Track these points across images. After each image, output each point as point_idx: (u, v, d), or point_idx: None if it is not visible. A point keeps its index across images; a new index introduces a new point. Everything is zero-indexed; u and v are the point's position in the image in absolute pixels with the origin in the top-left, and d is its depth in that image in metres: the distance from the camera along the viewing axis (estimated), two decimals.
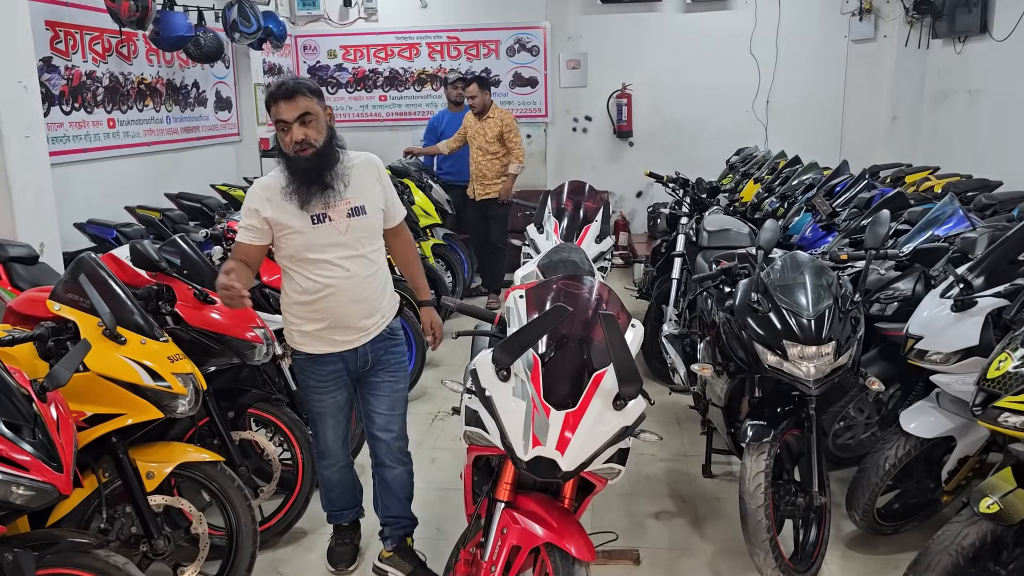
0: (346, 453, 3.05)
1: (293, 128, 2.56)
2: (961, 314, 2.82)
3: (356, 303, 2.75)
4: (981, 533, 2.42)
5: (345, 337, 2.78)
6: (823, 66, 8.30)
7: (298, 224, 2.64)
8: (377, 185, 2.79)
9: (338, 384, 2.88)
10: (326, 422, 2.93)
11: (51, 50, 5.02)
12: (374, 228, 2.78)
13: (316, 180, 2.59)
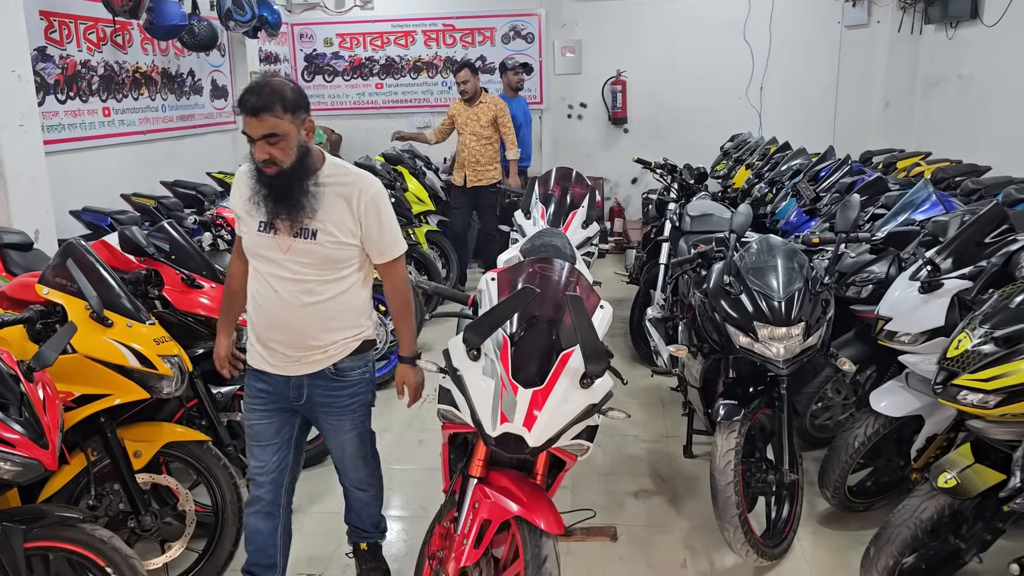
0: (273, 494, 2.67)
1: (258, 145, 2.31)
2: (928, 296, 2.89)
3: (279, 328, 2.49)
4: (939, 507, 2.50)
5: (272, 360, 2.54)
6: (816, 52, 8.32)
7: (248, 224, 2.47)
8: (348, 216, 2.43)
9: (265, 406, 2.60)
10: (250, 445, 2.65)
11: (46, 39, 5.09)
12: (326, 259, 2.43)
13: (284, 196, 2.36)
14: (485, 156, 6.49)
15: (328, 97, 9.06)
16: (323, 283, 2.46)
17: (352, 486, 2.82)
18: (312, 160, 2.40)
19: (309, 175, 2.38)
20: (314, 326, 2.48)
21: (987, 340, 2.40)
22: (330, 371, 2.56)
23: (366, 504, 2.87)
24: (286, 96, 2.31)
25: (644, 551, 3.15)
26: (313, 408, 2.62)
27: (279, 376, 2.56)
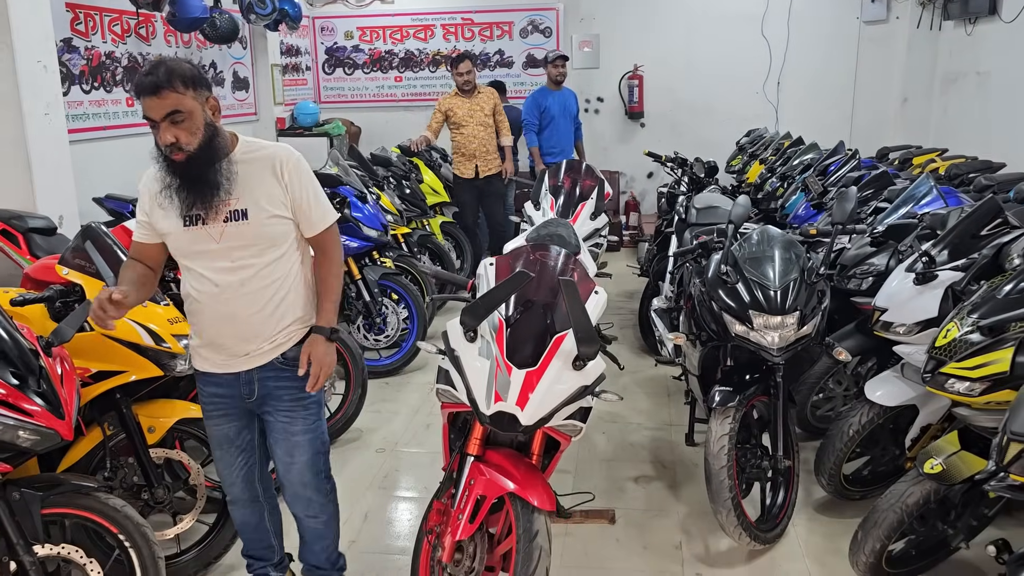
0: (249, 491, 2.61)
1: (161, 128, 2.15)
2: (923, 287, 2.93)
3: (225, 322, 2.36)
4: (925, 492, 2.55)
5: (219, 358, 2.42)
6: (834, 47, 8.30)
7: (171, 225, 2.30)
8: (276, 185, 2.32)
9: (222, 410, 2.49)
10: (215, 452, 2.57)
11: (72, 31, 5.23)
12: (262, 237, 2.31)
13: (197, 182, 2.23)
14: (492, 145, 6.49)
15: (348, 90, 9.18)
16: (264, 266, 2.33)
17: (303, 512, 2.61)
18: (221, 141, 2.27)
19: (220, 157, 2.25)
20: (260, 313, 2.36)
21: (973, 329, 2.45)
22: (279, 361, 2.42)
23: (319, 536, 2.66)
24: (184, 72, 2.17)
25: (641, 534, 3.23)
26: (264, 403, 2.47)
27: (228, 375, 2.43)
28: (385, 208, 5.24)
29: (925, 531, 2.75)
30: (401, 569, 2.99)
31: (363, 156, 5.88)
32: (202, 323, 2.40)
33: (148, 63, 2.25)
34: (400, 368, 4.96)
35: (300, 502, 2.58)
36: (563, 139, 7.09)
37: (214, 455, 2.59)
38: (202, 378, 2.49)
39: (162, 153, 2.21)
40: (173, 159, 2.19)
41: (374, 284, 4.80)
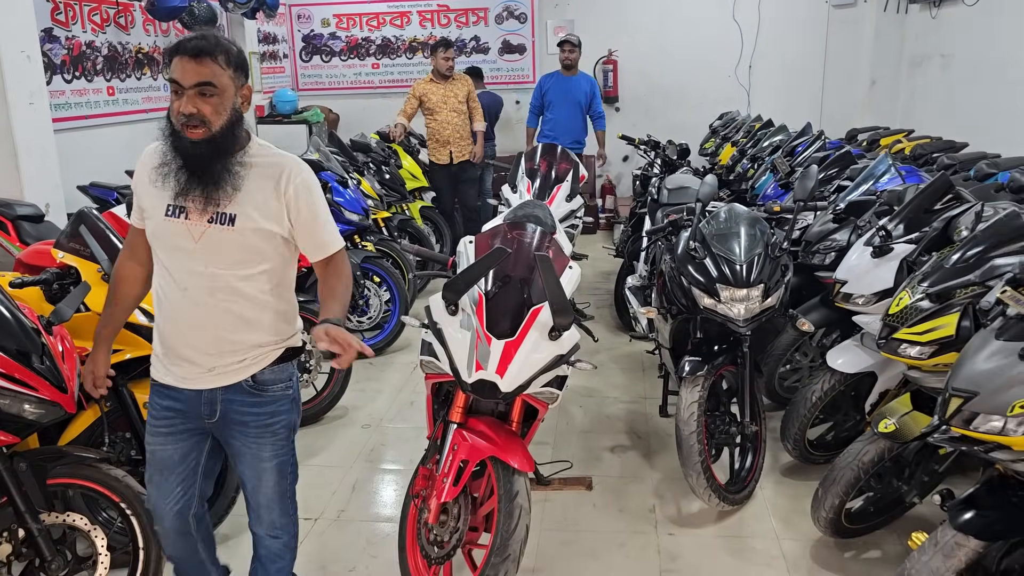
0: (180, 525, 2.32)
1: (187, 96, 1.96)
2: (880, 259, 3.11)
3: (190, 332, 2.14)
4: (880, 450, 2.73)
5: (182, 371, 2.18)
6: (804, 31, 8.48)
7: (154, 208, 2.10)
8: (274, 200, 2.09)
9: (171, 428, 2.23)
10: (150, 475, 2.28)
11: (52, 21, 5.28)
12: (243, 249, 2.10)
13: (202, 170, 2.02)
14: (466, 130, 6.60)
15: (325, 77, 9.24)
16: (241, 279, 2.11)
17: (264, 532, 2.41)
18: (241, 133, 2.07)
19: (236, 149, 2.06)
20: (229, 329, 2.14)
21: (923, 297, 2.62)
22: (247, 383, 2.20)
23: (276, 555, 2.46)
24: (231, 50, 2.03)
25: (617, 499, 3.39)
26: (227, 428, 2.25)
27: (188, 391, 2.19)
28: (366, 193, 5.35)
29: (881, 488, 2.94)
30: (388, 535, 3.13)
31: (343, 142, 5.98)
32: (165, 329, 2.19)
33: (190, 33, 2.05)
34: (383, 349, 5.09)
35: (263, 523, 2.39)
36: (561, 125, 7.05)
37: (148, 479, 2.29)
38: (158, 389, 2.23)
39: (172, 128, 2.02)
40: (187, 135, 1.98)
41: (357, 267, 4.92)
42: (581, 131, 7.14)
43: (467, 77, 6.77)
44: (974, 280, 2.47)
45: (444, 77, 6.50)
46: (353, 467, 3.70)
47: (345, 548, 3.09)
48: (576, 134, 7.06)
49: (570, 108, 7.07)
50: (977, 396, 2.06)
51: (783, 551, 3.00)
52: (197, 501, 2.35)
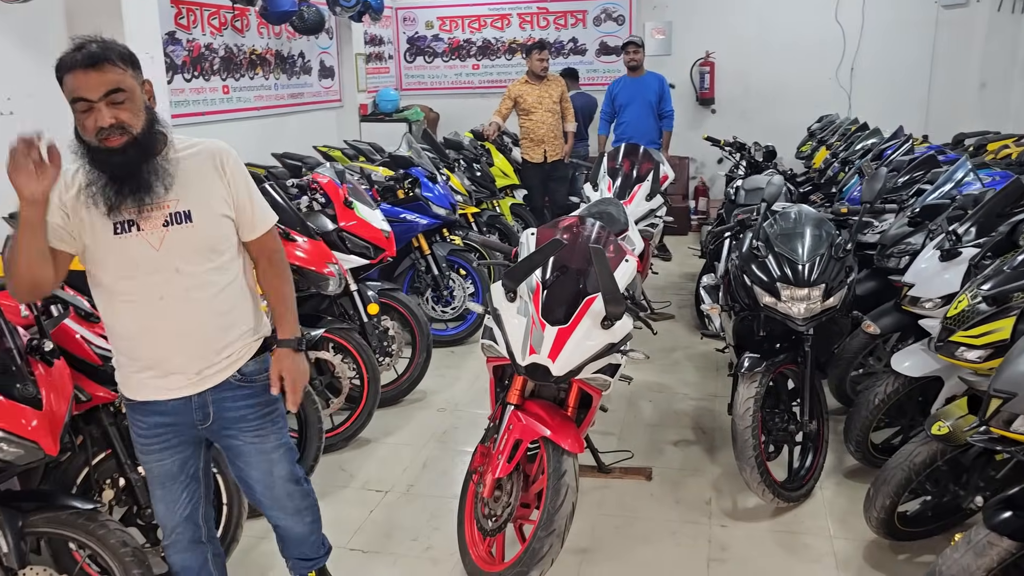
0: (192, 531, 2.33)
1: (98, 109, 1.86)
2: (947, 263, 3.09)
3: (172, 340, 2.09)
4: (932, 452, 2.73)
5: (169, 384, 2.13)
6: (911, 33, 8.21)
7: (97, 234, 2.01)
8: (218, 182, 2.10)
9: (165, 443, 2.20)
10: (153, 491, 2.28)
11: (175, 25, 5.75)
12: (206, 241, 2.09)
13: (130, 177, 1.95)
14: (559, 130, 6.72)
15: (428, 77, 9.58)
16: (210, 271, 2.11)
17: (289, 521, 2.44)
18: (160, 129, 2.02)
19: (160, 146, 2.01)
20: (212, 325, 2.14)
21: (981, 300, 2.61)
22: (235, 378, 2.20)
23: (308, 534, 2.51)
24: (122, 49, 1.94)
25: (674, 490, 3.47)
26: (226, 428, 2.24)
27: (177, 401, 2.15)
28: (454, 189, 5.58)
29: (938, 493, 2.92)
30: (452, 510, 3.26)
31: (435, 139, 6.24)
32: (141, 345, 2.10)
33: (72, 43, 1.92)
34: (465, 339, 5.30)
35: (287, 513, 2.42)
36: (632, 127, 7.02)
37: (153, 495, 2.29)
38: (140, 408, 2.17)
39: (87, 147, 1.92)
40: (108, 146, 1.90)
41: (442, 259, 5.15)
42: (655, 131, 7.08)
43: (561, 78, 6.93)
44: None
45: (539, 78, 6.67)
46: (425, 446, 3.92)
47: (411, 519, 3.30)
48: (651, 135, 6.99)
49: (641, 109, 7.04)
50: (1016, 397, 2.07)
51: (835, 549, 3.02)
52: (203, 504, 2.34)
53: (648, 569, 2.94)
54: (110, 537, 2.28)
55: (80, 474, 2.65)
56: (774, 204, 3.50)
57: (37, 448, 2.11)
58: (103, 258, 2.03)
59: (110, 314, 2.12)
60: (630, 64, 7.12)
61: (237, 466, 2.33)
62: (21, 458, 2.10)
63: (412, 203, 5.02)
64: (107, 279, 2.06)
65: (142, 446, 2.22)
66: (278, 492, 2.36)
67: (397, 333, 4.37)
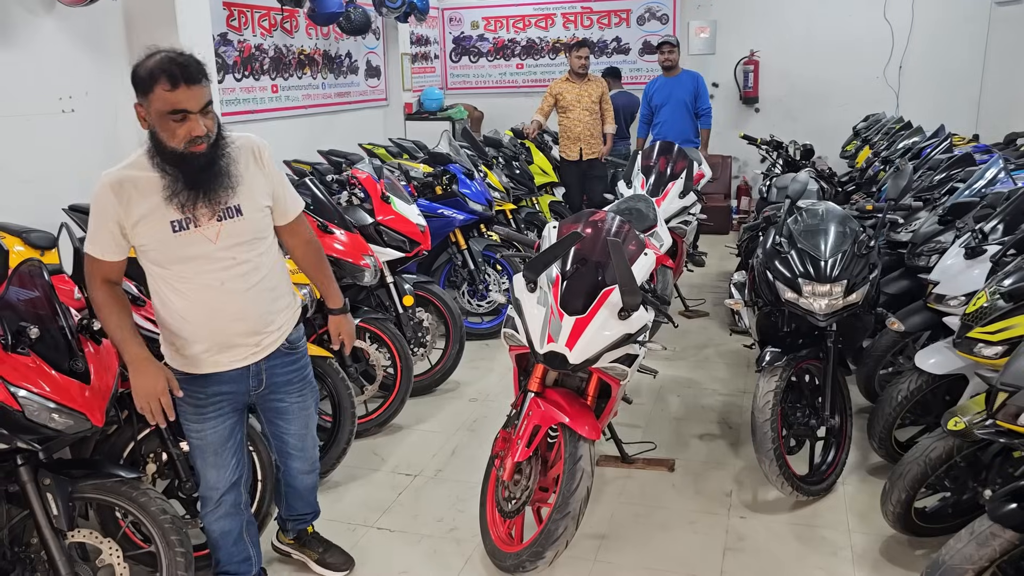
0: (236, 496, 2.55)
1: (195, 120, 2.08)
2: (972, 261, 3.09)
3: (233, 320, 2.33)
4: (948, 448, 2.74)
5: (230, 356, 2.37)
6: (963, 30, 8.06)
7: (156, 234, 2.19)
8: (259, 175, 2.32)
9: (220, 411, 2.42)
10: (205, 458, 2.46)
11: (227, 26, 5.97)
12: (255, 231, 2.32)
13: (205, 180, 2.17)
14: (597, 130, 6.76)
15: (473, 77, 9.72)
16: (259, 256, 2.34)
17: (304, 471, 2.76)
18: (223, 134, 2.23)
19: (224, 148, 2.22)
20: (266, 304, 2.39)
21: (999, 296, 2.62)
22: (285, 347, 2.49)
23: (312, 486, 2.85)
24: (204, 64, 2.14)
25: (696, 481, 3.53)
26: (274, 392, 2.52)
27: (235, 371, 2.40)
28: (492, 185, 5.69)
29: (956, 490, 2.93)
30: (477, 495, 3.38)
31: (474, 137, 6.36)
32: (204, 328, 2.31)
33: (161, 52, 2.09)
34: (499, 332, 5.39)
35: (307, 462, 2.74)
36: (668, 127, 7.00)
37: (204, 462, 2.48)
38: (200, 380, 2.38)
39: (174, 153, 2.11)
40: (194, 151, 2.12)
41: (478, 254, 5.27)
42: (691, 130, 7.03)
43: (602, 79, 6.99)
44: None
45: (579, 76, 6.72)
46: (455, 434, 4.04)
47: (437, 502, 3.42)
48: (686, 133, 6.95)
49: (676, 109, 6.99)
50: (1021, 391, 2.09)
51: (852, 543, 3.05)
52: (247, 472, 2.59)
53: (663, 556, 3.00)
54: (151, 505, 2.44)
55: (127, 448, 2.82)
56: (799, 201, 3.52)
57: (85, 419, 2.26)
58: (164, 255, 2.23)
59: (171, 302, 2.29)
60: (665, 64, 7.10)
61: (277, 424, 2.62)
62: (71, 428, 2.24)
63: (449, 199, 5.15)
64: (168, 273, 2.26)
65: (199, 415, 2.43)
66: (308, 443, 2.70)
67: (431, 324, 4.50)
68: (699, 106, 7.03)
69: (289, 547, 2.98)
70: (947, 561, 2.15)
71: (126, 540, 2.75)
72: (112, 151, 4.83)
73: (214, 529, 2.58)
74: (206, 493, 2.53)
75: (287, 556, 3.00)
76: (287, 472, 2.76)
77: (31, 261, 2.36)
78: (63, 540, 2.32)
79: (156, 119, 2.09)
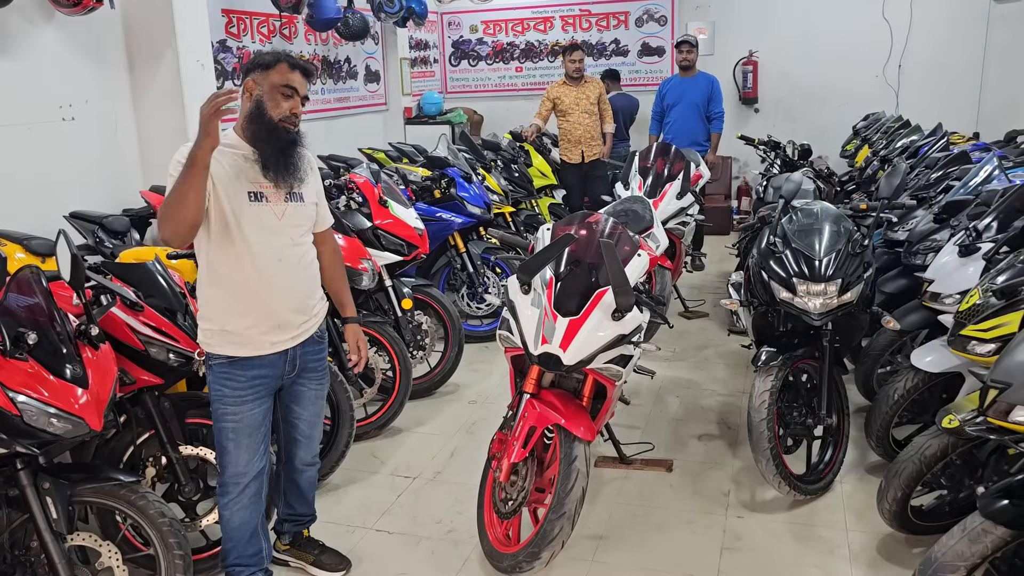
0: (260, 485, 2.64)
1: (296, 100, 2.45)
2: (966, 259, 3.10)
3: (286, 296, 2.53)
4: (943, 445, 2.75)
5: (275, 337, 2.53)
6: (962, 29, 8.06)
7: (235, 198, 2.41)
8: (312, 177, 2.64)
9: (258, 393, 2.55)
10: (240, 440, 2.55)
11: (226, 33, 6.01)
12: (309, 220, 2.62)
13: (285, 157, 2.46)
14: (596, 131, 6.76)
15: (472, 80, 9.75)
16: (308, 243, 2.64)
17: (308, 463, 2.86)
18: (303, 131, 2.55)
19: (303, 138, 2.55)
20: (309, 289, 2.63)
21: (992, 294, 2.63)
22: (316, 334, 2.69)
23: (313, 483, 2.94)
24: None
25: (693, 482, 3.54)
26: (300, 376, 2.68)
27: (274, 355, 2.56)
28: (490, 188, 5.71)
29: (953, 487, 2.94)
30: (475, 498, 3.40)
31: (472, 141, 6.38)
32: (261, 301, 2.49)
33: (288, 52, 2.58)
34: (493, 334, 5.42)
35: (311, 453, 2.85)
36: (677, 127, 7.00)
37: (238, 446, 2.56)
38: (241, 363, 2.51)
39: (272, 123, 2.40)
40: (287, 127, 2.44)
41: (477, 257, 5.29)
42: (701, 132, 7.01)
43: (599, 80, 7.00)
44: None
45: (575, 80, 6.73)
46: (454, 437, 4.06)
47: (436, 504, 3.43)
48: (695, 135, 6.94)
49: (687, 110, 6.97)
50: (1012, 387, 2.10)
51: (849, 541, 3.05)
52: (268, 460, 2.68)
53: (661, 556, 3.01)
54: (149, 508, 2.46)
55: (126, 452, 2.85)
56: (793, 200, 3.53)
57: (83, 423, 2.27)
58: (239, 219, 2.42)
59: (229, 274, 2.46)
60: (682, 64, 7.05)
61: (292, 410, 2.74)
62: (69, 432, 2.25)
63: (448, 202, 5.17)
64: (239, 238, 2.43)
65: (237, 398, 2.53)
66: (316, 432, 2.85)
67: (430, 328, 4.52)
68: (712, 109, 6.98)
69: (286, 554, 3.01)
70: (940, 558, 2.16)
71: (125, 543, 2.77)
72: (112, 159, 4.89)
73: (233, 519, 2.62)
74: (233, 480, 2.59)
75: (284, 564, 3.00)
76: (290, 464, 2.84)
77: (29, 267, 2.38)
78: (63, 543, 2.34)
79: (268, 89, 2.41)
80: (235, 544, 2.66)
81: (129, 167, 5.00)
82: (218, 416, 2.55)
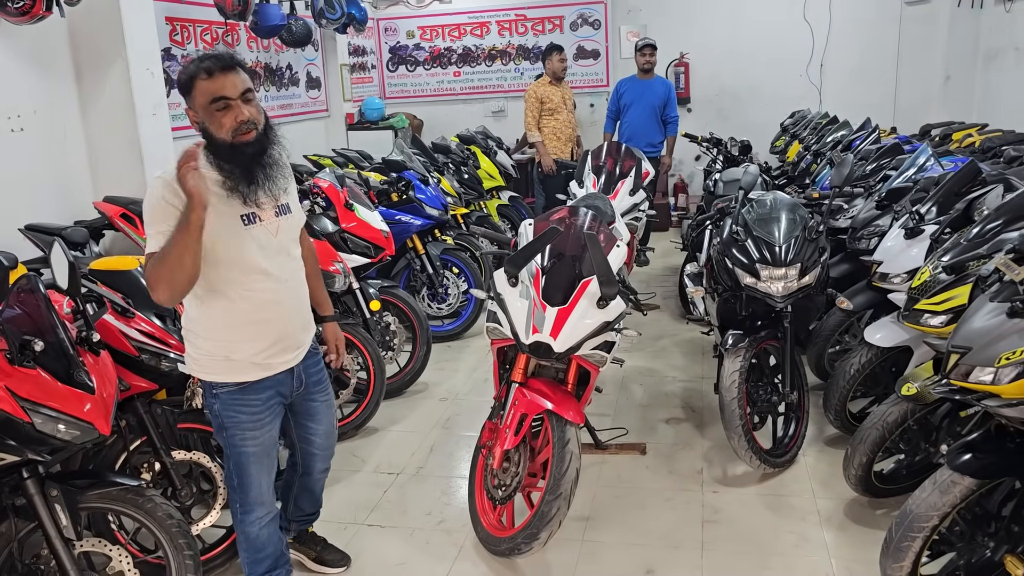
0: (272, 498, 2.61)
1: (237, 106, 2.15)
2: (912, 241, 3.35)
3: (293, 314, 2.46)
4: (903, 412, 2.98)
5: (284, 357, 2.44)
6: (877, 28, 8.54)
7: (228, 229, 2.24)
8: (293, 183, 2.47)
9: (273, 414, 2.48)
10: (261, 464, 2.48)
11: (170, 41, 5.94)
12: (296, 230, 2.48)
13: (261, 170, 2.24)
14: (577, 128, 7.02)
15: (410, 85, 9.80)
16: (299, 255, 2.52)
17: (323, 470, 2.84)
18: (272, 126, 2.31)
19: (276, 143, 2.31)
20: (306, 300, 2.56)
21: (941, 270, 2.87)
22: (312, 347, 2.60)
23: (323, 484, 2.92)
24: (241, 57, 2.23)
25: (667, 463, 3.71)
26: (308, 391, 2.61)
27: (281, 374, 2.46)
28: (445, 191, 5.80)
29: (911, 451, 3.18)
30: (461, 488, 3.54)
31: (425, 144, 6.46)
32: (271, 325, 2.38)
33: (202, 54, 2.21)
34: (460, 333, 5.52)
35: (325, 461, 2.82)
36: (633, 128, 7.19)
37: (260, 468, 2.49)
38: (252, 388, 2.41)
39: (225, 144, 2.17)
40: (243, 141, 2.18)
41: (436, 258, 5.37)
42: (656, 134, 7.24)
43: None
44: (984, 253, 2.70)
45: (559, 79, 6.96)
46: (431, 433, 4.14)
47: (423, 497, 3.51)
48: (650, 136, 7.17)
49: (644, 111, 7.18)
50: (971, 351, 2.32)
51: (818, 508, 3.27)
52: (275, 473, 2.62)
53: (647, 531, 3.17)
54: (157, 511, 2.48)
55: (119, 459, 2.84)
56: (751, 192, 3.74)
57: (92, 429, 2.28)
58: (237, 250, 2.26)
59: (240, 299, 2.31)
60: (644, 67, 7.24)
61: (307, 426, 2.69)
62: (78, 438, 2.26)
63: (406, 205, 5.24)
64: (237, 270, 2.28)
65: (256, 422, 2.43)
66: (331, 441, 2.82)
67: (398, 328, 4.58)
68: (667, 113, 7.23)
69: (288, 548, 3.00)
70: (914, 510, 2.37)
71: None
72: (62, 169, 4.79)
73: (261, 536, 2.59)
74: (258, 500, 2.52)
75: None
76: (308, 475, 2.81)
77: (28, 276, 2.38)
78: (73, 550, 2.34)
79: (203, 115, 2.18)
80: (269, 554, 2.64)
81: (80, 178, 4.90)
82: (236, 443, 2.43)
